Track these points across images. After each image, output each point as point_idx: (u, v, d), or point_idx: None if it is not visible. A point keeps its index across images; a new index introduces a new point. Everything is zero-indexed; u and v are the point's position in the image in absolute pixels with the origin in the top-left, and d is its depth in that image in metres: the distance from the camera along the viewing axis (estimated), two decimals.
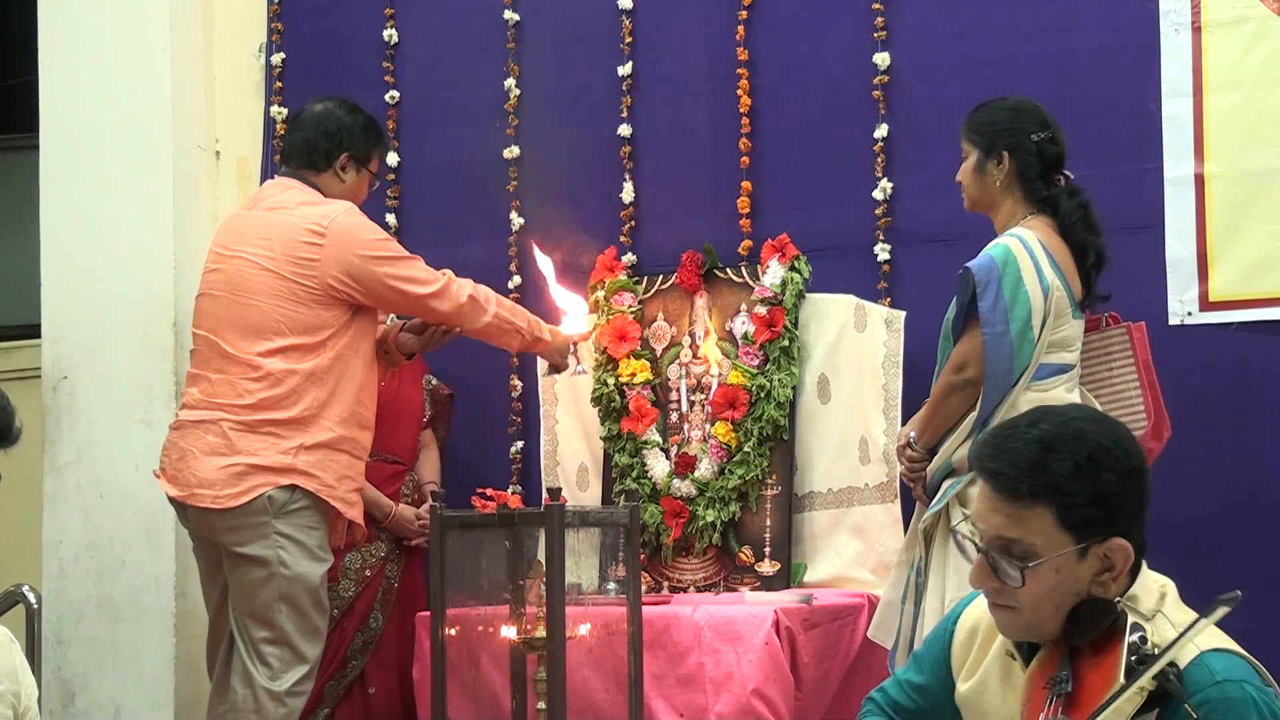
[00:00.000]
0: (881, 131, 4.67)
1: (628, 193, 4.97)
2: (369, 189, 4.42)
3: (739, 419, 4.60)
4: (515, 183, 5.14)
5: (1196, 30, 4.35)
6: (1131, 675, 2.17)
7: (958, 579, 3.67)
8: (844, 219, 4.72)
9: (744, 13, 4.85)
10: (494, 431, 5.12)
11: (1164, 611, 2.31)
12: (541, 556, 3.71)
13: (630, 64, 5.00)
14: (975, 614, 2.53)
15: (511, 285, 5.08)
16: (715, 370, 4.69)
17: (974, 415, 3.79)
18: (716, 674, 4.00)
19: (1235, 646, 2.30)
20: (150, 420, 5.13)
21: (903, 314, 4.46)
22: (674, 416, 4.77)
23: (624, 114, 5.00)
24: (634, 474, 4.72)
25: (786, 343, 4.60)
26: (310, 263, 4.09)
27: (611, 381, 4.78)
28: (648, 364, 4.78)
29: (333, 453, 4.08)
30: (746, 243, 4.81)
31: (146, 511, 5.08)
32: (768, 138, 4.84)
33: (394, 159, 5.29)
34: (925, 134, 4.62)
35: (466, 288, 4.22)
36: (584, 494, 4.88)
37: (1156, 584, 2.37)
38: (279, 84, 5.44)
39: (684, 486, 4.67)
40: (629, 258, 4.94)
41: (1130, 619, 2.25)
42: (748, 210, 4.82)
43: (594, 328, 4.73)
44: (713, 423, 4.66)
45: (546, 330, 4.36)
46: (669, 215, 4.96)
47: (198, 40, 5.40)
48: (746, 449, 4.58)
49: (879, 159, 4.67)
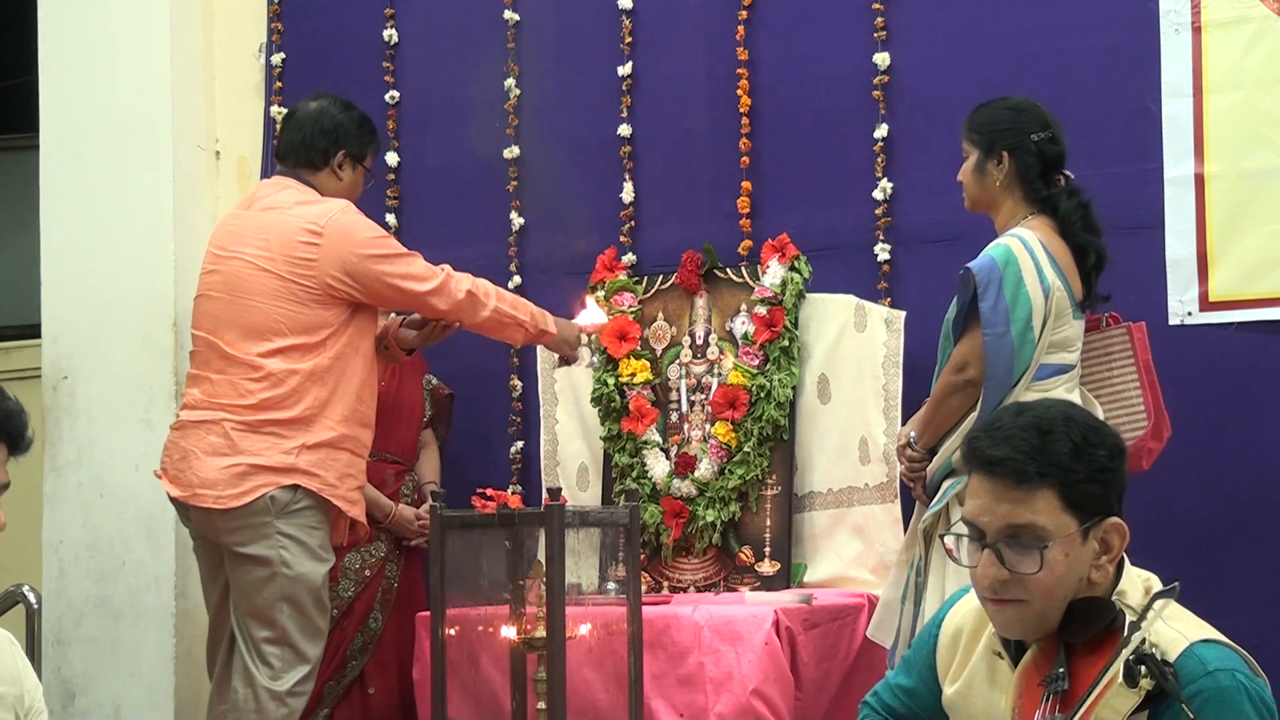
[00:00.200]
0: (881, 131, 4.67)
1: (628, 193, 4.97)
2: (364, 186, 4.42)
3: (739, 419, 4.60)
4: (515, 183, 5.14)
5: (1196, 30, 4.35)
6: (1130, 674, 2.19)
7: (958, 579, 3.67)
8: (844, 219, 4.72)
9: (744, 13, 4.85)
10: (494, 431, 5.12)
11: (1152, 606, 2.32)
12: (541, 556, 3.71)
13: (630, 64, 5.00)
14: (959, 617, 2.54)
15: (511, 285, 5.08)
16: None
17: (974, 415, 3.79)
18: (716, 674, 4.00)
19: (1223, 638, 2.31)
20: (150, 420, 5.13)
21: (903, 314, 4.46)
22: (674, 416, 4.78)
23: (624, 114, 5.00)
24: (634, 474, 4.72)
25: (786, 343, 4.60)
26: (308, 262, 4.08)
27: (611, 381, 4.78)
28: (648, 364, 4.78)
29: (334, 451, 4.08)
30: (746, 243, 4.81)
31: (146, 511, 5.08)
32: (768, 138, 4.84)
33: (394, 159, 5.30)
34: (925, 134, 4.62)
35: (465, 283, 4.21)
36: (584, 494, 4.88)
37: (1141, 579, 2.39)
38: (279, 84, 5.44)
39: (684, 486, 4.67)
40: (629, 258, 4.94)
41: (1127, 617, 2.26)
42: (748, 210, 4.82)
43: (609, 319, 4.69)
44: (713, 423, 4.66)
45: (552, 322, 4.34)
46: (669, 215, 4.96)
47: (198, 40, 5.40)
48: (746, 449, 4.59)
49: (879, 159, 4.67)
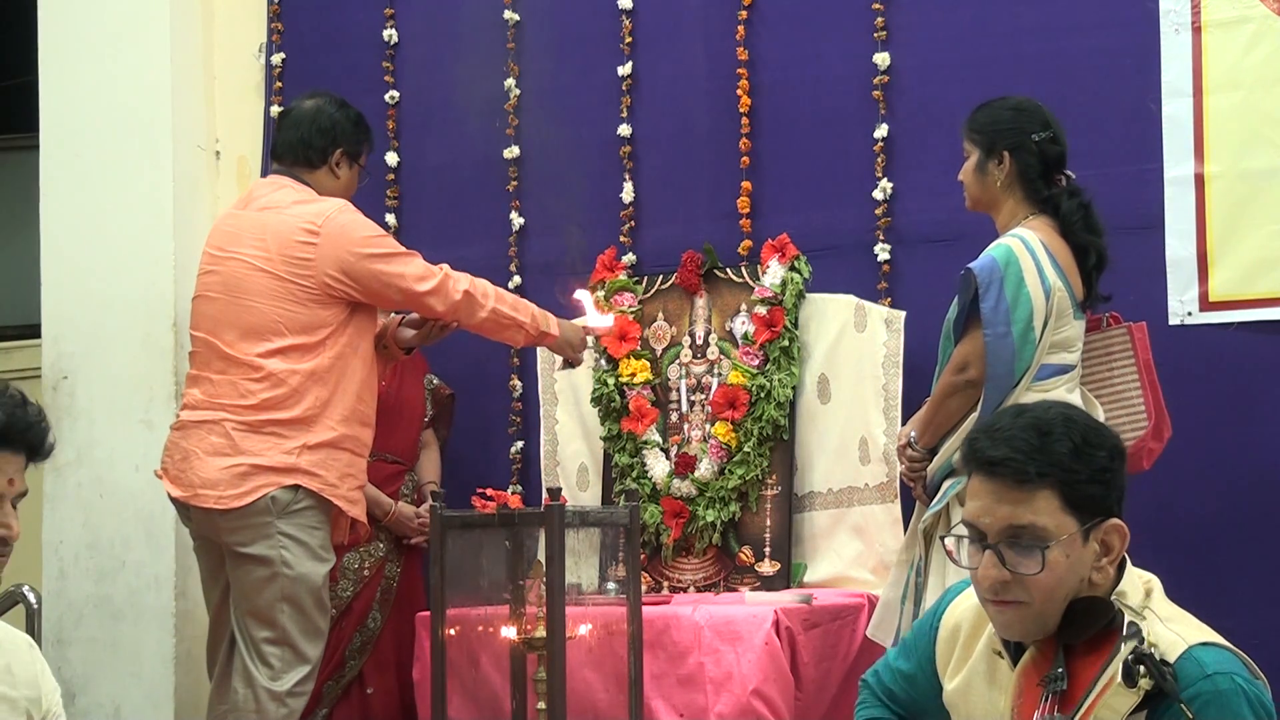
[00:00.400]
0: (881, 131, 4.67)
1: (628, 193, 4.97)
2: (359, 184, 4.42)
3: (739, 419, 4.60)
4: (515, 183, 5.14)
5: (1196, 30, 4.35)
6: (1129, 674, 2.19)
7: (957, 579, 3.66)
8: (844, 219, 4.72)
9: (744, 13, 4.85)
10: (494, 431, 5.12)
11: (1151, 608, 2.34)
12: (541, 556, 3.71)
13: (630, 64, 5.00)
14: (958, 612, 2.54)
15: (511, 285, 5.08)
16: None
17: (975, 416, 3.79)
18: (716, 674, 4.00)
19: (1222, 640, 2.31)
20: (150, 420, 5.13)
21: (903, 314, 4.46)
22: (674, 416, 4.78)
23: (624, 114, 5.00)
24: (634, 474, 4.72)
25: (786, 343, 4.60)
26: (306, 262, 4.08)
27: (611, 381, 4.78)
28: (648, 364, 4.78)
29: (335, 451, 4.07)
30: (746, 243, 4.81)
31: (146, 511, 5.08)
32: (768, 138, 4.84)
33: (394, 159, 5.30)
34: (925, 134, 4.61)
35: (463, 283, 4.19)
36: (584, 494, 4.88)
37: (1142, 580, 2.39)
38: (279, 84, 5.44)
39: (684, 486, 4.67)
40: (629, 258, 4.94)
41: (1126, 617, 2.26)
42: (748, 210, 4.82)
43: (614, 323, 4.67)
44: (713, 423, 4.66)
45: (555, 324, 4.33)
46: (669, 215, 4.96)
47: (198, 40, 5.40)
48: (746, 449, 4.58)
49: (879, 159, 4.67)
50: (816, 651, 4.14)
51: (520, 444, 5.09)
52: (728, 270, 4.76)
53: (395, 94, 5.32)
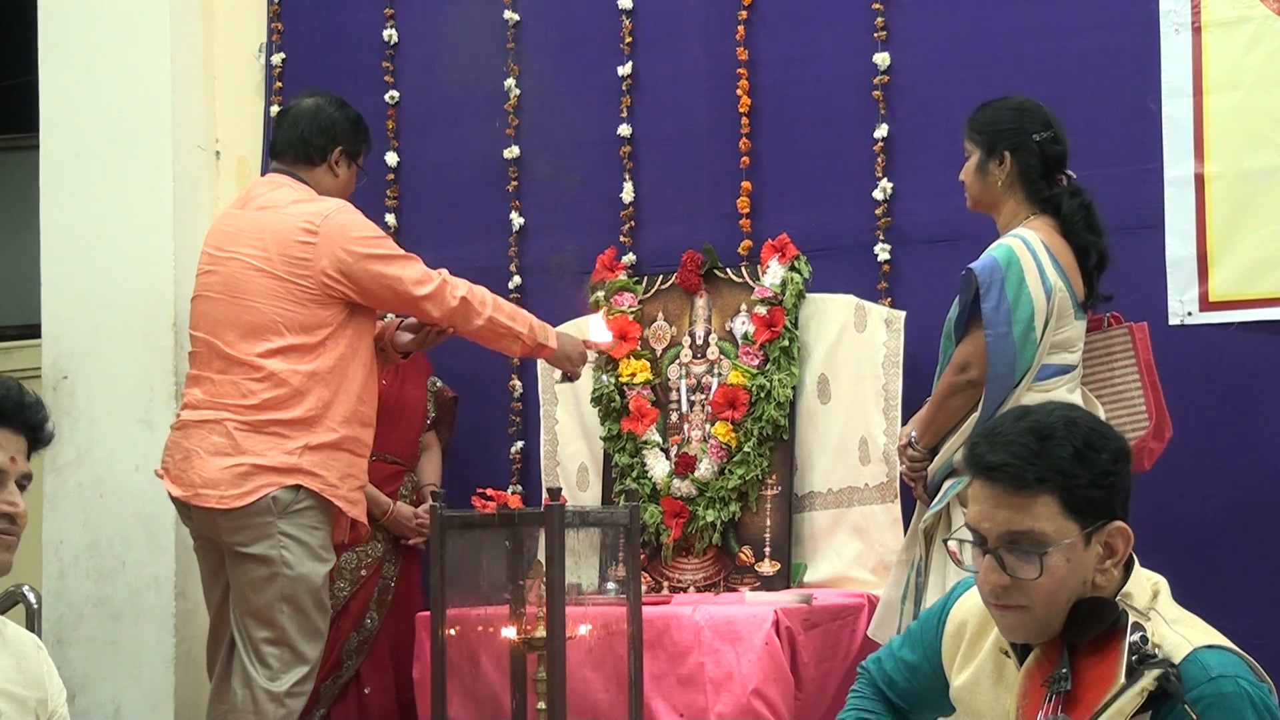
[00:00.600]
0: (881, 131, 4.67)
1: (628, 193, 4.97)
2: (356, 184, 4.41)
3: (739, 419, 4.60)
4: (515, 183, 5.14)
5: (1196, 30, 4.35)
6: (1133, 674, 2.18)
7: (958, 578, 3.66)
8: (844, 219, 4.72)
9: (744, 13, 4.85)
10: (494, 431, 5.12)
11: (1157, 609, 2.33)
12: (541, 556, 3.70)
13: (630, 64, 5.00)
14: (965, 608, 2.54)
15: (511, 285, 5.08)
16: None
17: (976, 416, 3.79)
18: (716, 674, 4.00)
19: (1227, 643, 2.31)
20: (150, 420, 5.13)
21: (903, 314, 4.46)
22: (674, 416, 4.77)
23: (624, 114, 5.00)
24: (634, 474, 4.72)
25: (786, 343, 4.60)
26: (304, 261, 4.08)
27: (611, 381, 4.78)
28: (648, 364, 4.78)
29: (336, 452, 4.07)
30: (746, 243, 4.81)
31: (146, 511, 5.08)
32: (768, 138, 4.84)
33: (394, 159, 5.30)
34: (925, 134, 4.61)
35: (460, 289, 4.18)
36: (584, 494, 4.88)
37: (1149, 581, 2.38)
38: (279, 84, 5.44)
39: (684, 486, 4.67)
40: (629, 258, 4.94)
41: (1131, 618, 2.26)
42: (748, 210, 4.82)
43: (614, 339, 4.65)
44: (713, 423, 4.66)
45: (554, 336, 4.32)
46: (669, 215, 4.96)
47: (198, 40, 5.40)
48: (746, 449, 4.58)
49: (879, 159, 4.67)
50: (816, 651, 4.14)
51: (520, 444, 5.09)
52: (728, 270, 4.76)
53: (395, 94, 5.32)
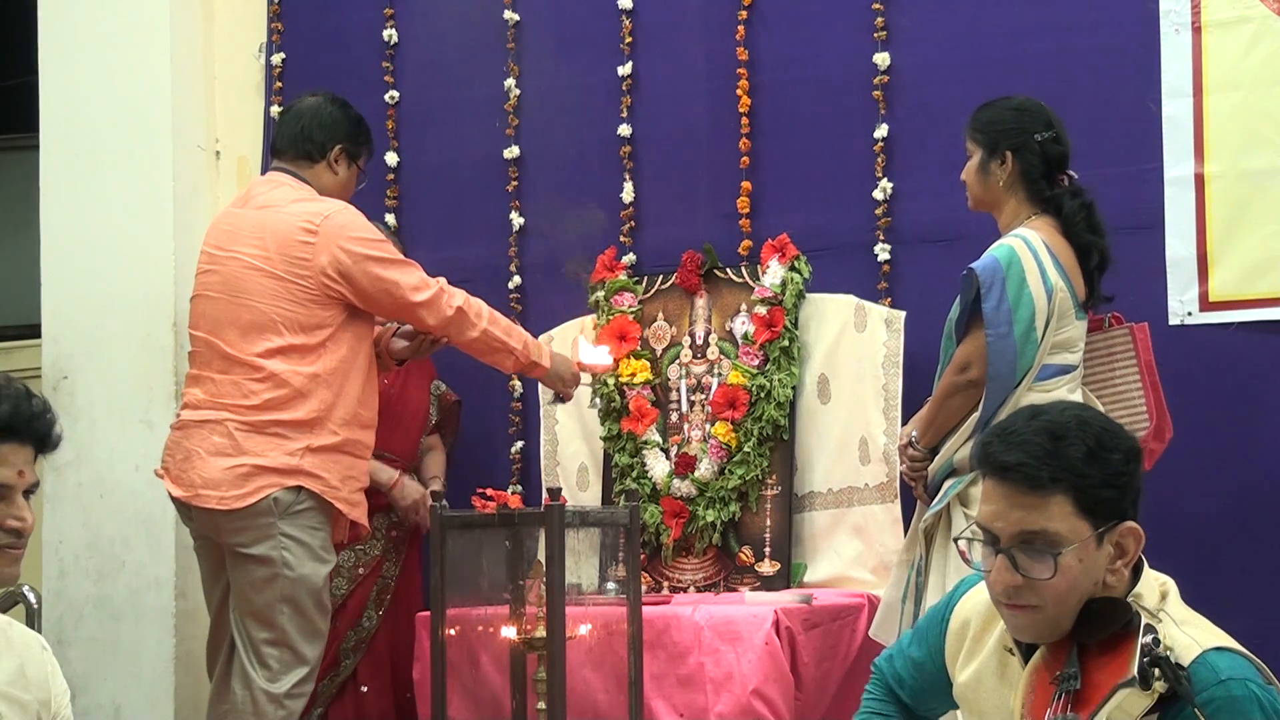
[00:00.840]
0: (881, 131, 4.67)
1: (628, 193, 4.97)
2: (356, 186, 4.41)
3: (739, 419, 4.60)
4: (515, 183, 5.14)
5: (1196, 30, 4.35)
6: (1144, 676, 2.18)
7: (958, 578, 3.65)
8: (844, 219, 4.72)
9: (744, 13, 4.85)
10: (494, 431, 5.12)
11: (1167, 610, 2.33)
12: (541, 556, 3.71)
13: (630, 64, 5.00)
14: (969, 605, 2.54)
15: (511, 285, 5.08)
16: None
17: (976, 416, 3.79)
18: (716, 674, 4.00)
19: (1237, 645, 2.31)
20: (150, 420, 5.13)
21: (903, 314, 4.46)
22: (674, 416, 4.77)
23: (624, 114, 5.00)
24: (634, 474, 4.72)
25: (786, 343, 4.60)
26: (304, 261, 4.07)
27: (611, 381, 4.78)
28: (648, 364, 4.78)
29: (337, 454, 4.07)
30: (746, 243, 4.81)
31: (146, 511, 5.08)
32: (768, 138, 4.84)
33: (394, 159, 5.30)
34: (925, 134, 4.62)
35: (457, 299, 4.17)
36: (584, 494, 4.88)
37: (1158, 582, 2.38)
38: (279, 84, 5.44)
39: (684, 486, 4.67)
40: (629, 258, 4.94)
41: (1142, 619, 2.26)
42: (748, 210, 4.82)
43: (614, 361, 4.62)
44: (713, 423, 4.66)
45: (547, 355, 4.30)
46: (669, 215, 4.96)
47: (198, 40, 5.40)
48: (746, 449, 4.58)
49: (879, 159, 4.67)
50: (816, 651, 4.14)
51: (520, 444, 5.09)
52: (728, 270, 4.76)
53: (395, 94, 5.32)
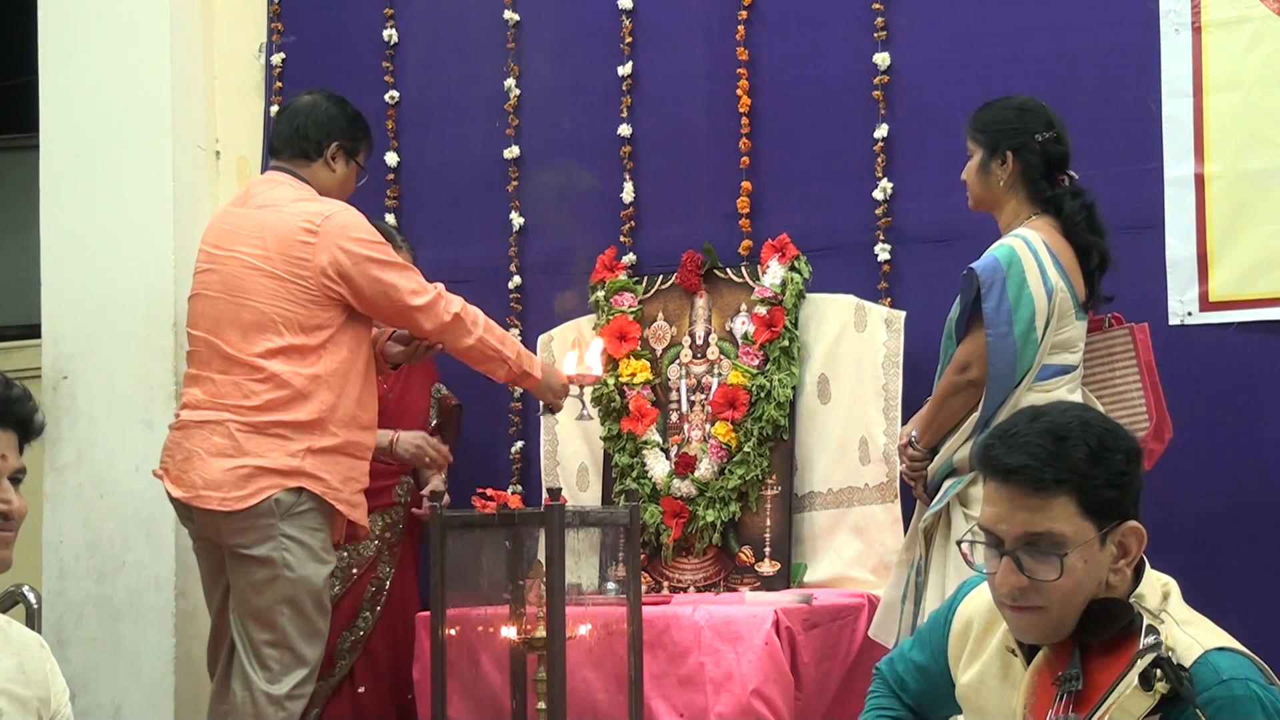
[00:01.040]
0: (881, 131, 4.67)
1: (628, 193, 4.97)
2: (356, 183, 4.40)
3: (739, 419, 4.60)
4: (515, 183, 5.14)
5: (1196, 30, 4.35)
6: (1146, 677, 2.18)
7: (958, 578, 3.66)
8: (844, 219, 4.72)
9: (744, 13, 4.85)
10: (494, 431, 5.12)
11: (1169, 610, 2.33)
12: (541, 556, 3.71)
13: (630, 64, 5.00)
14: (971, 608, 2.54)
15: (512, 285, 5.08)
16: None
17: (976, 416, 3.79)
18: (716, 674, 4.00)
19: (1238, 645, 2.31)
20: (150, 420, 5.13)
21: (903, 314, 4.46)
22: (674, 416, 4.77)
23: (624, 114, 5.00)
24: (634, 474, 4.72)
25: (786, 343, 4.60)
26: (304, 261, 4.06)
27: (611, 381, 4.78)
28: (648, 364, 4.78)
29: (338, 456, 4.06)
30: (746, 243, 4.81)
31: (146, 511, 5.08)
32: (768, 138, 4.84)
33: (394, 159, 5.30)
34: (925, 134, 4.62)
35: (454, 306, 4.16)
36: (584, 494, 4.88)
37: (1160, 582, 2.38)
38: (279, 84, 5.44)
39: (684, 486, 4.67)
40: (629, 258, 4.94)
41: (1145, 620, 2.26)
42: (748, 210, 4.82)
43: (604, 373, 4.61)
44: (713, 423, 4.66)
45: (538, 366, 4.30)
46: (669, 215, 4.96)
47: (198, 40, 5.40)
48: (746, 449, 4.58)
49: (879, 159, 4.67)
50: (816, 651, 4.14)
51: (520, 444, 5.09)
52: (728, 270, 4.76)
53: (395, 94, 5.32)
